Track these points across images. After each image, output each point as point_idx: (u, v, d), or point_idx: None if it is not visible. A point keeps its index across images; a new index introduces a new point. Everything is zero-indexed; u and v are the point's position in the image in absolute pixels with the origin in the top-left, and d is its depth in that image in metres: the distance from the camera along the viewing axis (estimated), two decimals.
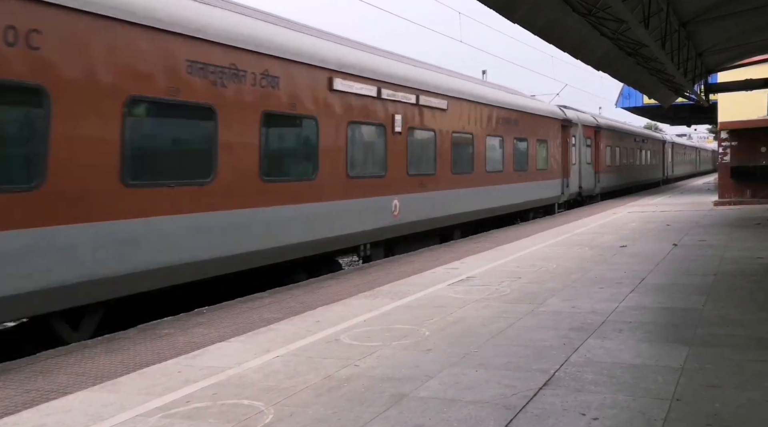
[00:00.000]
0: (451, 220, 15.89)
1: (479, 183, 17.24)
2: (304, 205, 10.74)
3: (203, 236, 8.74)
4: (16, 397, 5.23)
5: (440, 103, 15.04)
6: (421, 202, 14.27)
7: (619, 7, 10.47)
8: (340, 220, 11.63)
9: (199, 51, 8.64)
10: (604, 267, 10.94)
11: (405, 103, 13.63)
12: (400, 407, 4.77)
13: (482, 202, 17.43)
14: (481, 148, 17.32)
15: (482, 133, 17.34)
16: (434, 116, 14.88)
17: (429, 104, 14.58)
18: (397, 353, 6.17)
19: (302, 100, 10.70)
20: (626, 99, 37.04)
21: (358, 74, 12.10)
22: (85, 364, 6.12)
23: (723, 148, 28.15)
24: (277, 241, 10.08)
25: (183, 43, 8.40)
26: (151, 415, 4.73)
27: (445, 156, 15.33)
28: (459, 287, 9.50)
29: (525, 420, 4.46)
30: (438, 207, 15.08)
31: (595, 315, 7.50)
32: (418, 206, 14.19)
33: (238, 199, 9.36)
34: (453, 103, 15.70)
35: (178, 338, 7.00)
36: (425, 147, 14.60)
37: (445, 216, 15.53)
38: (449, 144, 15.52)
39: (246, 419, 4.61)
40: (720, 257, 11.84)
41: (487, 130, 17.68)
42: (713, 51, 19.90)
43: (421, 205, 14.32)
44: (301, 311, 8.10)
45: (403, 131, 13.55)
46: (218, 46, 8.95)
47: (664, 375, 5.32)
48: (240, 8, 10.05)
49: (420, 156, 14.33)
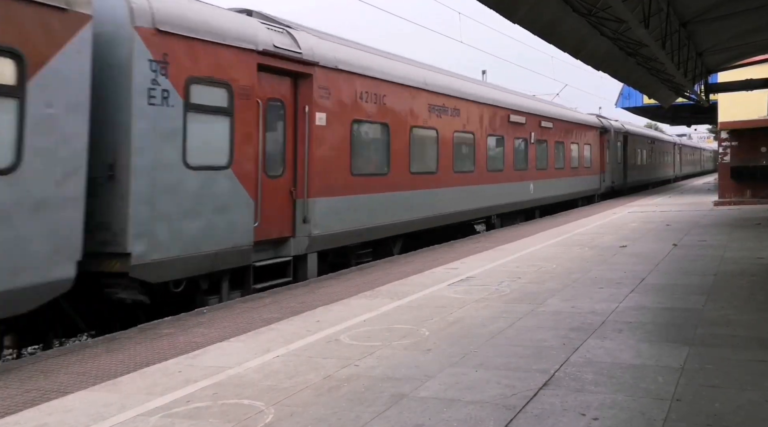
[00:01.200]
0: (546, 201, 23.81)
1: (554, 177, 24.45)
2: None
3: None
4: (18, 396, 5.24)
5: (547, 123, 23.36)
6: (541, 186, 22.97)
7: (620, 7, 10.47)
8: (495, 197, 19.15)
9: (433, 99, 15.43)
10: (604, 267, 10.95)
11: (533, 124, 22.03)
12: (400, 407, 4.77)
13: (555, 190, 24.56)
14: (552, 151, 24.01)
15: (552, 139, 24.13)
16: (543, 132, 23.08)
17: (544, 125, 23.12)
18: (397, 353, 6.18)
19: (479, 125, 18.08)
20: (626, 99, 37.05)
21: (517, 110, 20.62)
22: (86, 363, 6.13)
23: (723, 148, 28.15)
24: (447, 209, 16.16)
25: (428, 96, 15.21)
26: (151, 415, 4.74)
27: (546, 158, 23.47)
28: (459, 287, 9.51)
29: (525, 420, 4.47)
30: (540, 191, 22.94)
31: (595, 315, 7.50)
32: (541, 188, 22.92)
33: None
34: (547, 122, 23.58)
35: (178, 337, 7.01)
36: (540, 151, 22.91)
37: (546, 197, 23.67)
38: (551, 149, 23.93)
39: (246, 418, 4.62)
40: (720, 257, 11.85)
41: (556, 138, 24.58)
42: (713, 51, 19.89)
43: (540, 188, 22.85)
44: (301, 311, 8.11)
45: (533, 142, 22.11)
46: (440, 95, 15.72)
47: (664, 375, 5.33)
48: (446, 72, 17.33)
49: (540, 157, 22.86)
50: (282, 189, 10.71)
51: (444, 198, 15.86)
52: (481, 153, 18.15)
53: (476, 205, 17.76)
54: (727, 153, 27.87)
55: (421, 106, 14.86)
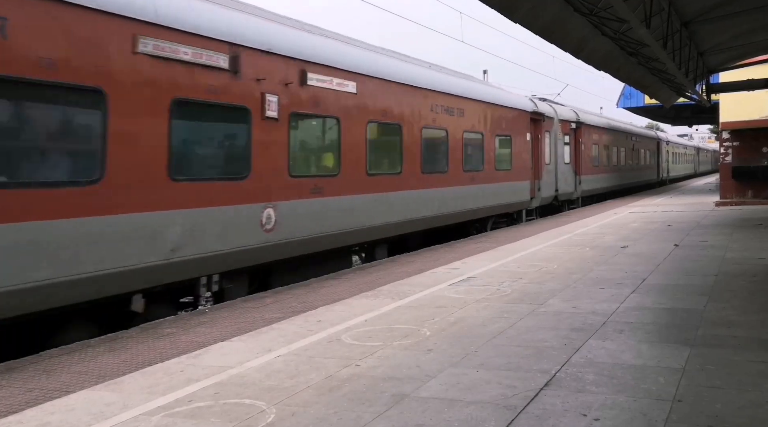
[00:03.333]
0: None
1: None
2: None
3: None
4: (20, 395, 5.25)
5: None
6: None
7: (621, 7, 10.47)
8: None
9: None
10: (605, 267, 10.95)
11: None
12: (401, 407, 4.78)
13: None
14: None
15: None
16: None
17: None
18: (398, 353, 6.19)
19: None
20: (628, 99, 37.07)
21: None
22: (88, 363, 6.14)
23: (725, 149, 28.13)
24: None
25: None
26: (153, 414, 4.75)
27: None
28: (460, 287, 9.51)
29: (526, 421, 4.47)
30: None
31: (596, 316, 7.51)
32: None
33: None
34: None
35: (180, 337, 7.02)
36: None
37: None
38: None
39: (248, 418, 4.63)
40: (721, 257, 11.84)
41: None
42: (715, 51, 19.89)
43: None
44: (302, 311, 8.12)
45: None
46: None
47: (665, 376, 5.33)
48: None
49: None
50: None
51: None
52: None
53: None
54: (729, 153, 27.85)
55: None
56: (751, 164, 27.04)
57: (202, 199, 8.78)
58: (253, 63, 9.64)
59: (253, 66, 9.66)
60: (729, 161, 27.79)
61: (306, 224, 10.79)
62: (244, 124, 9.56)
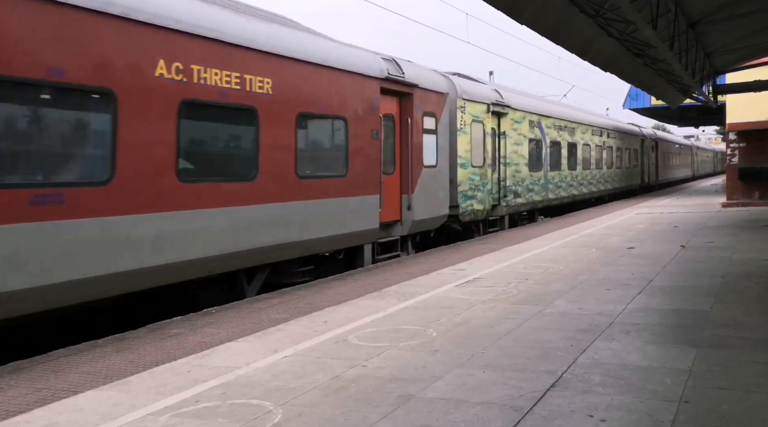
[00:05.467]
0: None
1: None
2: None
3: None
4: (28, 395, 5.28)
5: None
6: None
7: (627, 8, 10.47)
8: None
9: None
10: (612, 269, 10.94)
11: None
12: (407, 407, 4.79)
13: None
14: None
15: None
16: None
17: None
18: (404, 353, 6.20)
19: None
20: (634, 100, 36.97)
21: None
22: (95, 363, 6.17)
23: (731, 150, 28.05)
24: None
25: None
26: (161, 414, 4.77)
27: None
28: (466, 288, 9.52)
29: (532, 421, 4.48)
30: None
31: (603, 317, 7.50)
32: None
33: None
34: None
35: (187, 337, 7.05)
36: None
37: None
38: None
39: (255, 418, 4.65)
40: (728, 258, 11.81)
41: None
42: (721, 52, 19.84)
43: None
44: (308, 312, 8.13)
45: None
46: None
47: (672, 377, 5.33)
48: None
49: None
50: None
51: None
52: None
53: None
54: (735, 154, 27.77)
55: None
56: (758, 165, 26.95)
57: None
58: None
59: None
60: (735, 162, 27.71)
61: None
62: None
